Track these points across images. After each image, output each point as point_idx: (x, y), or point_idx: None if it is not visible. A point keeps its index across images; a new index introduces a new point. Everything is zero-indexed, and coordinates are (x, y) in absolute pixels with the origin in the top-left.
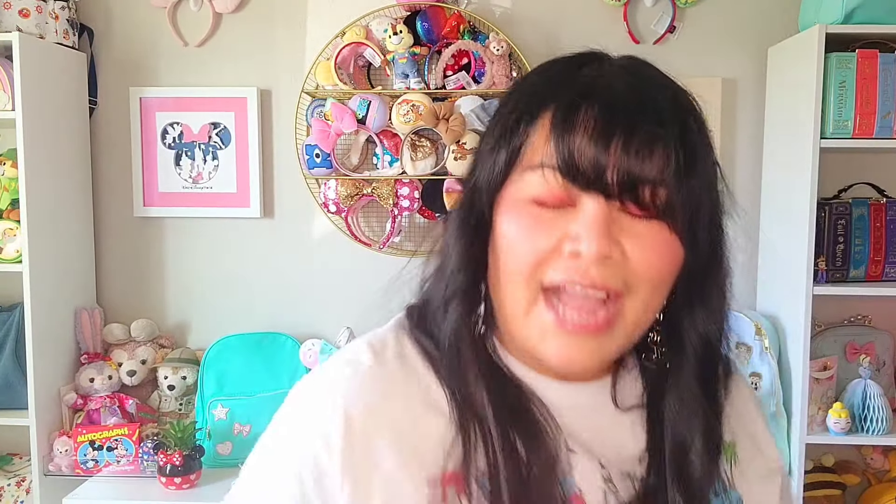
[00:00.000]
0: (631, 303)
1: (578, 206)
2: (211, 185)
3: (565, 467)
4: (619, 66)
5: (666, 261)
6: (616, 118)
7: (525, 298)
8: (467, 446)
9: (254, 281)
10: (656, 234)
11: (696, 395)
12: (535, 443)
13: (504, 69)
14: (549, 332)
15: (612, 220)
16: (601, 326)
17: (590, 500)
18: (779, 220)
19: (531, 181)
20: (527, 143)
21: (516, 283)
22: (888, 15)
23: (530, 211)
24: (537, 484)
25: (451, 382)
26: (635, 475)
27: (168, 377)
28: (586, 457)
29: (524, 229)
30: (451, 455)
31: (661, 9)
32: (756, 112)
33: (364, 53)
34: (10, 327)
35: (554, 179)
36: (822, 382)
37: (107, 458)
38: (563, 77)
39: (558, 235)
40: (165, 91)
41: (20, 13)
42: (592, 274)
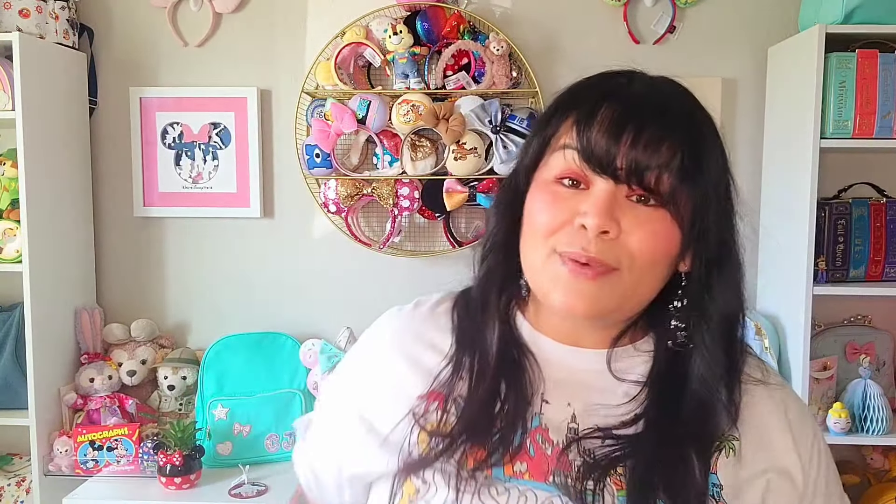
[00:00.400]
0: (624, 276)
1: (591, 189)
2: (211, 185)
3: (536, 409)
4: (648, 78)
5: (660, 245)
6: (630, 116)
7: (542, 254)
8: (455, 375)
9: (254, 281)
10: (656, 219)
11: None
12: (516, 383)
13: (504, 69)
14: (561, 280)
15: (617, 203)
16: (599, 273)
17: (553, 436)
18: (779, 220)
19: (555, 161)
20: (556, 133)
21: (536, 242)
22: (888, 15)
23: (553, 189)
24: (504, 414)
25: (463, 323)
26: (609, 434)
27: (168, 377)
28: (562, 409)
29: (546, 203)
30: (438, 381)
31: (661, 9)
32: (756, 112)
33: (364, 53)
34: (10, 327)
35: (573, 159)
36: (822, 382)
37: (107, 458)
38: (595, 83)
39: (571, 211)
40: (165, 91)
41: (20, 13)
42: (592, 248)
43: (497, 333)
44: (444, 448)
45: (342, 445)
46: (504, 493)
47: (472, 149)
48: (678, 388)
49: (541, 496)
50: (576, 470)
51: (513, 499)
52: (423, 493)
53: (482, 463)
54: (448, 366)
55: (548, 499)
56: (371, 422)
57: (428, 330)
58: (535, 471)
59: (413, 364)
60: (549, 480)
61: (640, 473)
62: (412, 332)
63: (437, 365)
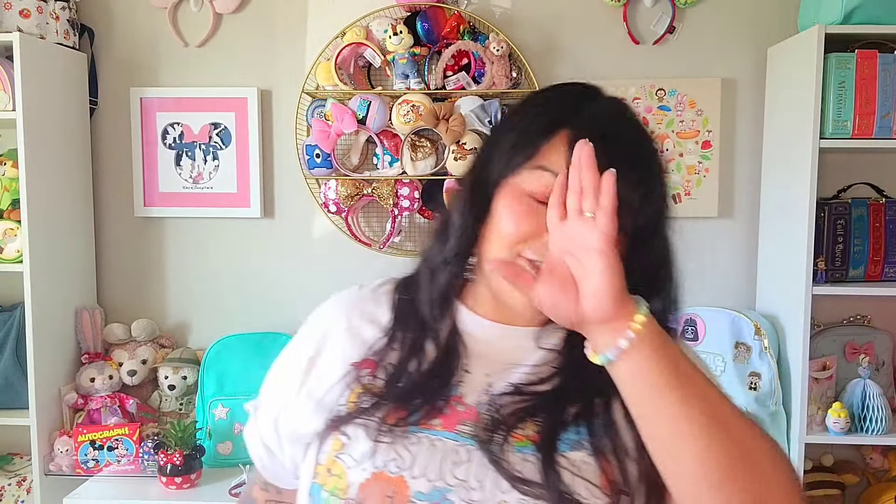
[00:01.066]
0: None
1: None
2: (211, 185)
3: (457, 379)
4: (614, 106)
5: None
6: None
7: (505, 256)
8: (389, 346)
9: (254, 281)
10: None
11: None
12: (442, 355)
13: (504, 69)
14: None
15: None
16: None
17: (467, 401)
18: (779, 220)
19: (532, 177)
20: (539, 151)
21: (502, 248)
22: (888, 15)
23: (525, 201)
24: (429, 382)
25: (403, 301)
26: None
27: (168, 377)
28: (479, 379)
29: (517, 213)
30: (373, 350)
31: (661, 9)
32: (756, 112)
33: (364, 54)
34: (11, 327)
35: (549, 180)
36: (822, 382)
37: (107, 458)
38: (574, 106)
39: (540, 225)
40: (166, 91)
41: (21, 13)
42: None
43: (432, 311)
44: (369, 406)
45: (281, 405)
46: (416, 442)
47: (472, 149)
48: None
49: (448, 443)
50: (484, 420)
51: (423, 446)
52: (347, 446)
53: (402, 420)
54: (384, 338)
55: (454, 446)
56: (310, 386)
57: (369, 306)
58: (446, 423)
59: (354, 336)
60: (457, 430)
61: (549, 426)
62: (356, 308)
63: (372, 338)
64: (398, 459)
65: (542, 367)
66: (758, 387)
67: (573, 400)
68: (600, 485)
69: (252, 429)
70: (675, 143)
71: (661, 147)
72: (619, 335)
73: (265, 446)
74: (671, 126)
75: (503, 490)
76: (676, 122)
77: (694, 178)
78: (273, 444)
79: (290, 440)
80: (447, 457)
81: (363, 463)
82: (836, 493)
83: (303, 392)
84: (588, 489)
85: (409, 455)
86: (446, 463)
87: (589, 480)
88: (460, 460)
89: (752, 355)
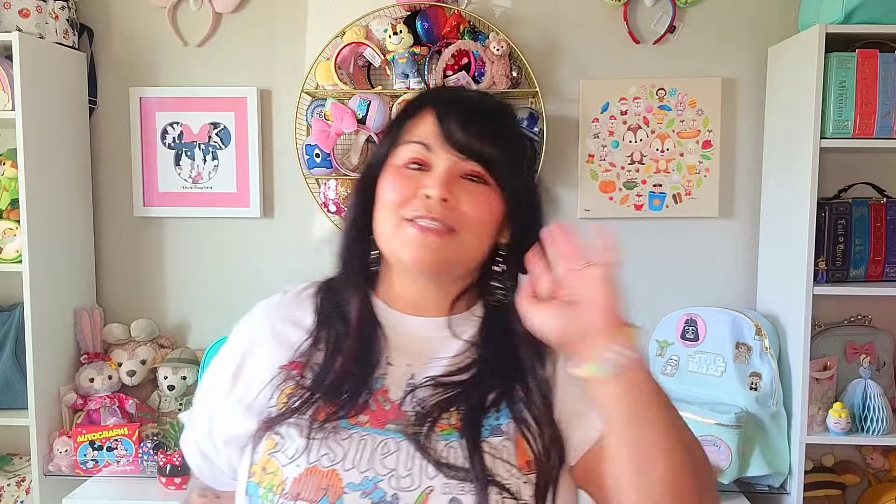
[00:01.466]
0: (461, 236)
1: (432, 168)
2: (211, 185)
3: (381, 371)
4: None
5: (487, 212)
6: (475, 117)
7: (392, 223)
8: (314, 346)
9: (254, 281)
10: (484, 193)
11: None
12: (365, 351)
13: (504, 69)
14: (410, 238)
15: (454, 179)
16: (442, 232)
17: (392, 395)
18: (779, 220)
19: (404, 152)
20: (404, 130)
21: (388, 214)
22: (888, 15)
23: (401, 171)
24: (354, 377)
25: (324, 303)
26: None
27: (168, 377)
28: (402, 369)
29: (395, 182)
30: (299, 352)
31: (661, 9)
32: (756, 112)
33: (364, 53)
34: (10, 327)
35: (418, 149)
36: (823, 382)
37: (107, 458)
38: (438, 93)
39: (417, 186)
40: (165, 91)
41: (20, 13)
42: (435, 210)
43: (352, 309)
44: (299, 405)
45: (214, 414)
46: (347, 438)
47: None
48: (502, 338)
49: (378, 438)
50: (409, 417)
51: (354, 442)
52: (281, 445)
53: (331, 416)
54: (308, 339)
55: (383, 441)
56: (239, 392)
57: (293, 310)
58: (374, 421)
59: (280, 341)
60: (385, 427)
61: (470, 414)
62: (279, 313)
63: (298, 340)
64: (330, 454)
65: (459, 358)
66: (758, 387)
67: (491, 387)
68: (518, 465)
69: (188, 437)
70: (676, 142)
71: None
72: (623, 352)
73: (201, 453)
74: (672, 126)
75: (430, 476)
76: (677, 121)
77: (694, 177)
78: (209, 450)
79: (224, 444)
80: (377, 449)
81: (297, 459)
82: (837, 493)
83: (232, 398)
84: (507, 470)
85: (341, 449)
86: (376, 455)
87: (508, 462)
88: (389, 451)
89: (752, 355)
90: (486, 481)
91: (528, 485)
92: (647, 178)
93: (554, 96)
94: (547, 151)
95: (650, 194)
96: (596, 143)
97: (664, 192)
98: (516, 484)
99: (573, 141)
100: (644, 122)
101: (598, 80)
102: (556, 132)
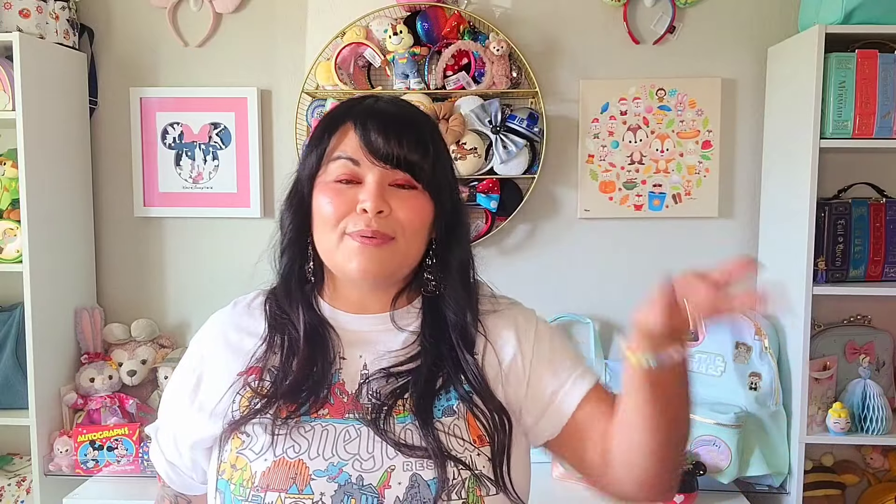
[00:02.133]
0: (400, 242)
1: (364, 182)
2: (211, 185)
3: (336, 366)
4: (388, 99)
5: (420, 216)
6: (393, 125)
7: (334, 239)
8: (269, 351)
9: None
10: (414, 198)
11: (461, 295)
12: (319, 349)
13: (504, 69)
14: (353, 252)
15: (386, 190)
16: (381, 243)
17: (348, 388)
18: (779, 220)
19: (333, 168)
20: (329, 146)
21: (328, 230)
22: (888, 15)
23: (334, 187)
24: (312, 374)
25: (274, 311)
26: (394, 374)
27: (168, 377)
28: (355, 361)
29: (330, 198)
30: (255, 357)
31: (661, 9)
32: (756, 112)
33: (364, 54)
34: (11, 327)
35: (347, 165)
36: (822, 382)
37: (107, 458)
38: (354, 104)
39: (352, 201)
40: (165, 91)
41: (20, 13)
42: (374, 224)
43: (301, 314)
44: (261, 406)
45: (178, 424)
46: (310, 430)
47: (472, 149)
48: (441, 324)
49: (339, 427)
50: (366, 407)
51: (317, 433)
52: (247, 443)
53: (293, 412)
54: (262, 344)
55: (344, 429)
56: (200, 402)
57: (244, 320)
58: (334, 412)
59: (234, 350)
60: (345, 417)
61: (422, 398)
62: (232, 324)
63: (253, 348)
64: (295, 446)
65: (407, 349)
66: (758, 387)
67: (437, 372)
68: (471, 440)
69: (155, 449)
70: (676, 142)
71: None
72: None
73: (169, 463)
74: (671, 126)
75: (390, 457)
76: (677, 121)
77: (694, 178)
78: (176, 460)
79: (190, 448)
80: (339, 437)
81: (264, 454)
82: (837, 493)
83: (194, 408)
84: (461, 444)
85: (305, 440)
86: (339, 442)
87: (461, 437)
88: (350, 438)
89: (752, 355)
90: (442, 456)
91: (481, 456)
92: (646, 178)
93: (554, 96)
94: (547, 151)
95: (650, 194)
96: (596, 143)
97: (664, 193)
98: (470, 457)
99: (573, 141)
100: (644, 123)
101: (598, 81)
102: (556, 132)
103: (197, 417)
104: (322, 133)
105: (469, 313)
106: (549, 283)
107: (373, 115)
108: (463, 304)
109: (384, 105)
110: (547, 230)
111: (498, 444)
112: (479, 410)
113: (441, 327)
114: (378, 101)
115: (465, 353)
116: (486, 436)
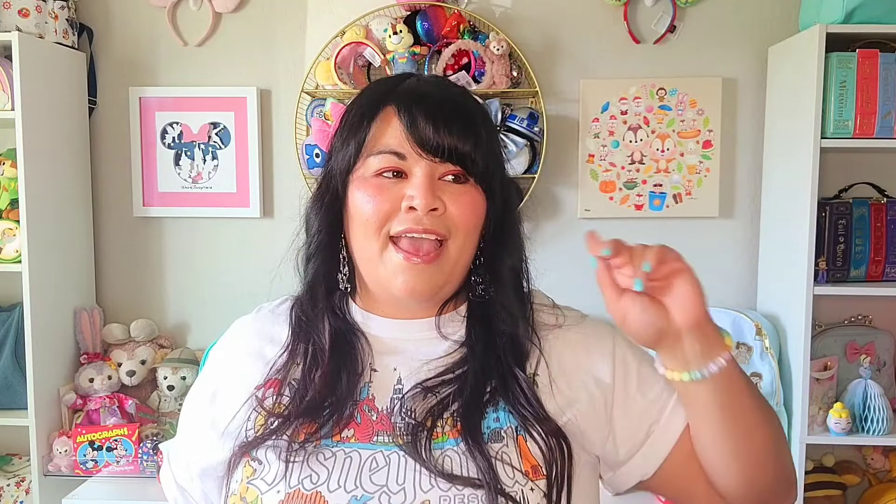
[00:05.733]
0: (453, 244)
1: (411, 176)
2: (211, 185)
3: (366, 379)
4: (429, 79)
5: (475, 213)
6: (441, 113)
7: (377, 246)
8: (290, 361)
9: (253, 281)
10: (467, 193)
11: (513, 301)
12: (346, 361)
13: (504, 69)
14: (399, 268)
15: (436, 184)
16: (433, 258)
17: (378, 404)
18: (779, 220)
19: (373, 163)
20: (370, 135)
21: (369, 235)
22: (888, 15)
23: (375, 183)
24: (336, 389)
25: (300, 318)
26: (434, 389)
27: (168, 377)
28: (388, 374)
29: (371, 195)
30: (275, 368)
31: (661, 9)
32: (756, 112)
33: (364, 53)
34: (10, 327)
35: (391, 159)
36: (823, 382)
37: (106, 459)
38: (393, 86)
39: (397, 198)
40: (165, 91)
41: (20, 13)
42: (425, 222)
43: (328, 322)
44: (277, 426)
45: (191, 443)
46: (331, 457)
47: None
48: (488, 334)
49: (364, 454)
50: (399, 427)
51: (339, 461)
52: (259, 472)
53: (312, 435)
54: (284, 353)
55: (371, 456)
56: (214, 418)
57: (268, 326)
58: (360, 435)
59: (256, 358)
60: (373, 441)
61: (468, 418)
62: (255, 330)
63: (273, 356)
64: (312, 475)
65: (448, 359)
66: (759, 387)
67: (484, 387)
68: (523, 470)
69: (166, 471)
70: (676, 142)
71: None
72: (719, 355)
73: (179, 487)
74: (672, 125)
75: (424, 489)
76: (677, 121)
77: (695, 177)
78: (187, 485)
79: (200, 476)
80: (364, 466)
81: (277, 485)
82: (838, 493)
83: (207, 423)
84: (510, 475)
85: (324, 469)
86: (363, 472)
87: (512, 465)
88: (378, 466)
89: (753, 355)
90: (497, 490)
91: (535, 492)
92: (647, 177)
93: (554, 96)
94: (547, 151)
95: (650, 194)
96: (596, 142)
97: (664, 192)
98: (521, 491)
99: (573, 141)
100: (644, 122)
101: (598, 80)
102: (556, 132)
103: (209, 436)
104: (360, 119)
105: (521, 323)
106: (549, 283)
107: (418, 99)
108: (514, 311)
109: (428, 87)
110: (547, 230)
111: (556, 476)
112: (534, 434)
113: (488, 337)
114: (420, 80)
115: (515, 367)
116: (541, 466)
